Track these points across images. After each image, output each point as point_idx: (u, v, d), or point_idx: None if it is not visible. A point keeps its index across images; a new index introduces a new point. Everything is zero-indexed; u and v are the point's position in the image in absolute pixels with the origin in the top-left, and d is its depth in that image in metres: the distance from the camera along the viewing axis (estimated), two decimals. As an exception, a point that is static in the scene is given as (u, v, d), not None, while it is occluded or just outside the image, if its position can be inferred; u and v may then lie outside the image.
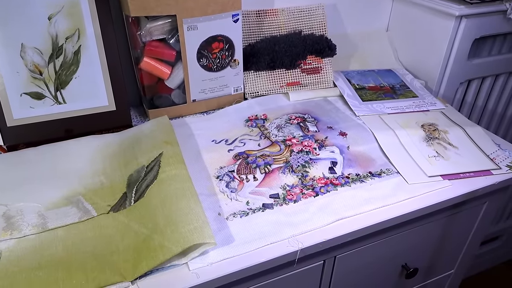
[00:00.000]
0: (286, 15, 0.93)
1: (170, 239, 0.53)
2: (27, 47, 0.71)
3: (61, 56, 0.73)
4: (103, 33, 0.74)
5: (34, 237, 0.56)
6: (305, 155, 0.74)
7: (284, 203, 0.64)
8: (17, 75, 0.71)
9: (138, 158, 0.69)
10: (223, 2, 0.76)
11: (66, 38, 0.73)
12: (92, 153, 0.71)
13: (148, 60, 0.78)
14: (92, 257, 0.53)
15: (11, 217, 0.59)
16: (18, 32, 0.70)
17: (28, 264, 0.52)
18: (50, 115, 0.74)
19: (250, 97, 0.91)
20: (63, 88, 0.74)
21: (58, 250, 0.54)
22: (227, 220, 0.60)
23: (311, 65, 0.92)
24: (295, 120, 0.84)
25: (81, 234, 0.57)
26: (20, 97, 0.72)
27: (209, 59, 0.81)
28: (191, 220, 0.55)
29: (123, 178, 0.66)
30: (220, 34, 0.80)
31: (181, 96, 0.84)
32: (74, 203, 0.62)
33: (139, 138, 0.73)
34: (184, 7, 0.74)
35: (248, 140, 0.78)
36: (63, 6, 0.71)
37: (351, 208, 0.63)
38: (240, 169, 0.70)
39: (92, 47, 0.74)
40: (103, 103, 0.77)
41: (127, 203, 0.62)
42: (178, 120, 0.84)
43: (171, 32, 0.77)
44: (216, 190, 0.66)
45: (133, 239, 0.56)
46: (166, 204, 0.58)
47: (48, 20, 0.71)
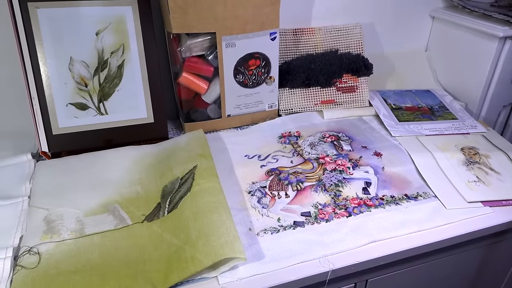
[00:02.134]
0: (322, 33, 0.94)
1: (201, 252, 0.53)
2: (75, 60, 0.75)
3: (106, 69, 0.77)
4: (146, 48, 0.78)
5: (72, 241, 0.58)
6: (338, 174, 0.73)
7: (315, 222, 0.63)
8: (65, 86, 0.75)
9: (173, 170, 0.70)
10: (262, 21, 0.78)
11: (111, 53, 0.76)
12: (129, 163, 0.74)
13: (187, 75, 0.80)
14: (125, 264, 0.54)
15: (51, 221, 0.61)
16: (68, 46, 0.74)
17: (66, 267, 0.54)
18: (92, 125, 0.77)
19: (284, 114, 0.92)
20: (106, 100, 0.78)
21: (94, 255, 0.56)
22: (258, 236, 0.60)
23: (347, 84, 0.92)
24: (329, 138, 0.83)
25: (116, 241, 0.58)
26: (66, 107, 0.76)
27: (245, 75, 0.83)
28: (222, 233, 0.56)
29: (158, 189, 0.68)
30: (257, 52, 0.81)
31: (216, 111, 0.86)
32: (111, 211, 0.64)
33: (174, 151, 0.75)
34: (223, 25, 0.76)
35: (281, 157, 0.78)
36: (110, 23, 0.75)
37: (385, 231, 0.61)
38: (272, 185, 0.70)
39: (135, 61, 0.78)
40: (142, 115, 0.80)
41: (160, 213, 0.63)
42: (213, 134, 0.86)
43: (210, 49, 0.80)
44: (248, 205, 0.67)
45: (165, 249, 0.57)
46: (199, 217, 0.59)
47: (96, 36, 0.75)
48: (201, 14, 0.74)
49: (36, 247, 0.57)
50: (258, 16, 0.77)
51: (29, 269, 0.53)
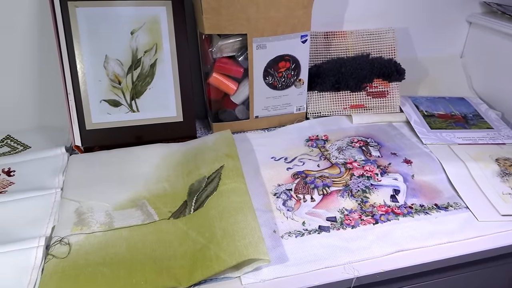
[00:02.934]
0: (354, 37, 0.93)
1: (225, 251, 0.54)
2: (110, 58, 0.77)
3: (139, 68, 0.78)
4: (178, 48, 0.79)
5: (101, 234, 0.60)
6: (366, 180, 0.72)
7: (341, 227, 0.62)
8: (99, 83, 0.77)
9: (200, 169, 0.71)
10: (294, 23, 0.78)
11: (145, 52, 0.78)
12: (158, 160, 0.75)
13: (217, 75, 0.81)
14: (151, 259, 0.55)
15: (82, 214, 0.63)
16: (104, 45, 0.76)
17: (94, 259, 0.55)
18: (124, 122, 0.79)
19: (312, 117, 0.91)
20: (137, 98, 0.79)
21: (122, 249, 0.57)
22: (282, 238, 0.60)
23: (378, 89, 0.91)
24: (357, 143, 0.82)
25: (143, 236, 0.59)
26: (100, 103, 0.78)
27: (274, 77, 0.83)
28: (246, 234, 0.56)
29: (185, 187, 0.69)
30: (287, 54, 0.81)
31: (244, 112, 0.86)
32: (139, 206, 0.65)
33: (202, 150, 0.76)
34: (255, 26, 0.76)
35: (308, 160, 0.77)
36: (145, 23, 0.77)
37: (413, 240, 0.59)
38: (298, 188, 0.70)
39: (167, 61, 0.79)
40: (172, 114, 0.81)
41: (187, 211, 0.64)
42: (240, 135, 0.86)
43: (241, 50, 0.80)
44: (273, 207, 0.66)
45: (190, 246, 0.57)
46: (224, 216, 0.59)
47: (131, 35, 0.77)
48: (234, 16, 0.74)
49: (67, 238, 0.58)
50: (290, 19, 0.77)
51: (60, 259, 0.55)
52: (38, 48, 0.82)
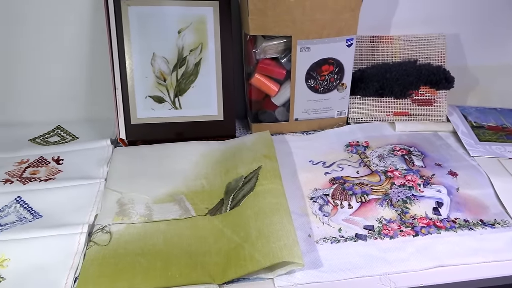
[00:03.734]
0: (402, 42, 0.90)
1: (260, 252, 0.54)
2: (157, 56, 0.79)
3: (184, 66, 0.80)
4: (222, 48, 0.80)
5: (140, 225, 0.61)
6: (407, 190, 0.69)
7: (379, 237, 0.60)
8: (146, 79, 0.80)
9: (238, 168, 0.72)
10: (340, 26, 0.77)
11: (190, 51, 0.80)
12: (197, 157, 0.76)
13: (259, 76, 0.82)
14: (187, 254, 0.56)
15: (123, 204, 0.65)
16: (152, 43, 0.79)
17: (133, 249, 0.57)
18: (166, 118, 0.81)
19: (353, 122, 0.89)
20: (181, 95, 0.81)
21: (159, 241, 0.58)
22: (317, 243, 0.59)
23: (424, 96, 0.87)
24: (399, 151, 0.79)
25: (179, 230, 0.61)
26: (145, 99, 0.81)
27: (317, 80, 0.82)
28: (281, 236, 0.56)
29: (222, 185, 0.70)
30: (331, 57, 0.80)
31: (284, 114, 0.86)
32: (177, 201, 0.67)
33: (240, 149, 0.77)
34: (300, 29, 0.76)
35: (347, 166, 0.76)
36: (192, 22, 0.79)
37: (455, 256, 0.57)
38: (336, 194, 0.69)
39: (211, 60, 0.81)
40: (213, 112, 0.83)
41: (223, 209, 0.65)
42: (279, 137, 0.86)
43: (284, 52, 0.80)
44: (309, 211, 0.66)
45: (225, 244, 0.58)
46: (259, 217, 0.59)
47: (178, 34, 0.79)
48: (279, 17, 0.74)
49: (108, 227, 0.61)
50: (336, 22, 0.76)
51: (101, 246, 0.57)
52: (90, 45, 0.85)
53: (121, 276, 0.53)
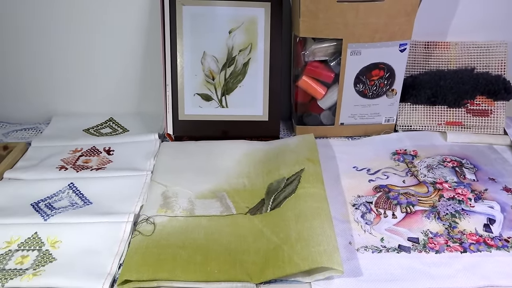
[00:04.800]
0: (458, 49, 0.86)
1: (299, 255, 0.53)
2: (207, 55, 0.81)
3: (232, 66, 0.82)
4: (271, 49, 0.81)
5: (182, 219, 0.63)
6: (456, 203, 0.66)
7: (424, 250, 0.58)
8: (195, 77, 0.82)
9: (280, 170, 0.72)
10: (393, 30, 0.75)
11: (240, 51, 0.81)
12: (240, 156, 0.77)
13: (307, 79, 0.81)
14: (226, 250, 0.57)
15: (168, 197, 0.67)
16: (203, 42, 0.81)
17: (175, 241, 0.59)
18: (213, 116, 0.83)
19: (401, 130, 0.86)
20: (228, 94, 0.83)
21: (200, 236, 0.60)
22: (358, 251, 0.58)
23: (480, 107, 0.83)
24: (450, 163, 0.76)
25: (220, 227, 0.62)
26: (193, 96, 0.83)
27: (366, 85, 0.80)
28: (322, 241, 0.55)
29: (264, 185, 0.70)
30: (382, 62, 0.78)
31: (330, 118, 0.85)
32: (219, 198, 0.68)
33: (284, 151, 0.77)
34: (352, 32, 0.74)
35: (392, 174, 0.74)
36: (243, 23, 0.80)
37: (506, 277, 0.53)
38: (379, 203, 0.67)
39: (259, 61, 0.81)
40: (258, 112, 0.83)
41: (263, 209, 0.65)
42: (323, 140, 0.85)
43: (334, 55, 0.79)
44: (350, 218, 0.65)
45: (264, 244, 0.58)
46: (300, 220, 0.59)
47: (229, 34, 0.80)
48: (331, 20, 0.73)
49: (152, 218, 0.63)
50: (390, 26, 0.74)
51: (145, 236, 0.59)
52: (145, 43, 0.89)
53: (162, 267, 0.54)
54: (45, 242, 0.60)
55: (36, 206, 0.67)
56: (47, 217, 0.64)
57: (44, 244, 0.60)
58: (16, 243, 0.60)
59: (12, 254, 0.58)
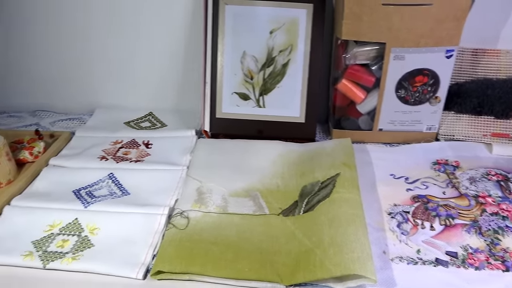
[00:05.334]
0: (510, 57, 0.82)
1: (331, 260, 0.53)
2: (247, 54, 0.82)
3: (272, 66, 0.82)
4: (311, 51, 0.80)
5: (215, 215, 0.64)
6: (500, 220, 0.63)
7: (462, 265, 0.56)
8: (234, 76, 0.83)
9: (314, 173, 0.71)
10: (440, 36, 0.72)
11: (280, 51, 0.81)
12: (275, 156, 0.77)
13: (346, 82, 0.80)
14: (257, 250, 0.57)
15: (202, 193, 0.68)
16: (244, 41, 0.81)
17: (207, 237, 0.59)
18: (249, 115, 0.84)
19: (443, 139, 0.83)
20: (265, 94, 0.83)
21: (232, 233, 0.60)
22: (392, 261, 0.56)
23: (530, 119, 0.79)
24: (495, 176, 0.72)
25: (252, 226, 0.62)
26: (231, 95, 0.83)
27: (408, 91, 0.78)
28: (355, 248, 0.54)
29: (297, 187, 0.70)
30: (427, 68, 0.76)
31: (368, 123, 0.83)
32: (252, 197, 0.68)
33: (319, 154, 0.76)
34: (396, 36, 0.73)
35: (432, 185, 0.71)
36: (284, 23, 0.80)
37: (553, 302, 0.50)
38: (417, 213, 0.65)
39: (299, 62, 0.81)
40: (295, 114, 0.83)
41: (296, 211, 0.65)
42: (360, 145, 0.83)
43: (376, 59, 0.77)
44: (386, 226, 0.63)
45: (295, 246, 0.58)
46: (334, 225, 0.58)
47: (269, 34, 0.80)
48: (375, 23, 0.72)
49: (186, 212, 0.64)
50: (437, 31, 0.72)
51: (179, 229, 0.61)
52: (187, 41, 0.91)
53: (195, 261, 0.55)
54: (84, 228, 0.62)
55: (77, 193, 0.70)
56: (87, 204, 0.67)
57: (83, 230, 0.62)
58: (58, 227, 0.63)
59: (54, 237, 0.61)
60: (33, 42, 0.93)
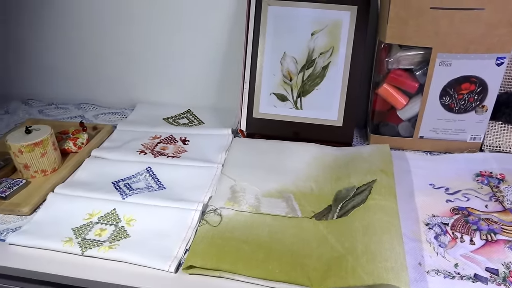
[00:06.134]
0: None
1: (363, 268, 0.52)
2: (287, 55, 0.81)
3: (311, 68, 0.81)
4: (353, 54, 0.79)
5: (248, 214, 0.64)
6: (548, 238, 0.59)
7: (503, 283, 0.53)
8: (273, 77, 0.83)
9: (350, 178, 0.70)
10: (492, 42, 0.69)
11: (320, 53, 0.80)
12: (310, 159, 0.76)
13: (388, 87, 0.78)
14: (288, 252, 0.57)
15: (236, 192, 0.69)
16: (284, 42, 0.81)
17: (239, 235, 0.60)
18: (286, 116, 0.83)
19: (488, 150, 0.79)
20: (303, 96, 0.82)
21: (264, 233, 0.60)
22: (428, 274, 0.54)
23: None
24: (544, 193, 0.68)
25: (284, 227, 0.62)
26: (269, 95, 0.84)
27: (453, 99, 0.75)
28: (389, 257, 0.52)
29: (332, 192, 0.69)
30: (474, 75, 0.73)
31: (408, 129, 0.81)
32: (285, 199, 0.68)
33: (355, 159, 0.74)
34: (443, 41, 0.70)
35: (474, 197, 0.68)
36: (327, 25, 0.79)
37: None
38: (456, 226, 0.62)
39: (339, 65, 0.80)
40: (333, 117, 0.82)
41: (329, 215, 0.64)
42: (398, 152, 0.81)
43: (420, 64, 0.75)
44: (422, 237, 0.61)
45: (327, 251, 0.57)
46: (368, 232, 0.57)
47: (311, 36, 0.80)
48: (422, 27, 0.70)
49: (220, 209, 0.65)
50: (489, 37, 0.68)
51: (212, 226, 0.61)
52: (228, 40, 0.92)
53: (226, 258, 0.56)
54: (121, 219, 0.64)
55: (116, 184, 0.73)
56: (125, 196, 0.69)
57: (120, 220, 0.64)
58: (97, 216, 0.65)
59: (92, 225, 0.64)
60: (80, 40, 0.98)
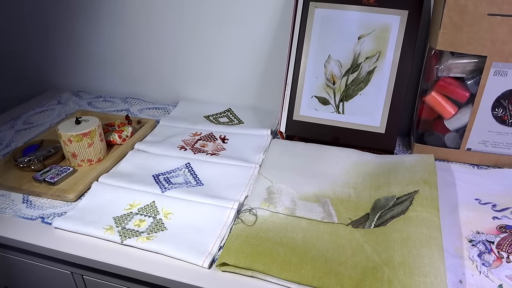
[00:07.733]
0: None
1: (400, 281, 0.50)
2: (332, 58, 0.80)
3: (356, 72, 0.79)
4: (400, 60, 0.76)
5: (283, 217, 0.64)
6: None
7: (554, 312, 0.49)
8: (315, 80, 0.82)
9: (390, 187, 0.68)
10: (554, 52, 0.64)
11: (366, 58, 0.78)
12: (349, 165, 0.75)
13: (436, 95, 0.75)
14: (322, 258, 0.56)
15: (272, 193, 0.69)
16: (330, 45, 0.80)
17: (273, 237, 0.60)
18: (327, 120, 0.82)
19: (543, 167, 0.75)
20: (346, 101, 0.81)
21: (298, 237, 0.60)
22: (469, 293, 0.52)
23: None
24: None
25: (319, 232, 0.61)
26: (311, 98, 0.83)
27: (507, 110, 0.71)
28: (428, 272, 0.50)
29: (370, 200, 0.67)
30: (532, 87, 0.68)
31: (455, 140, 0.77)
32: (322, 203, 0.67)
33: (397, 168, 0.72)
34: (500, 50, 0.66)
35: (525, 216, 0.64)
36: (375, 30, 0.77)
37: None
38: (503, 245, 0.59)
39: (386, 70, 0.78)
40: (375, 123, 0.80)
41: (367, 224, 0.62)
42: (443, 164, 0.78)
43: (472, 73, 0.71)
44: (465, 254, 0.58)
45: (363, 260, 0.55)
46: (407, 244, 0.55)
47: (357, 40, 0.78)
48: (477, 34, 0.66)
49: (255, 209, 0.65)
50: (551, 46, 0.64)
51: (246, 225, 0.62)
52: (272, 42, 0.92)
53: (259, 259, 0.56)
54: (160, 212, 0.66)
55: (156, 178, 0.75)
56: (165, 189, 0.71)
57: (159, 213, 0.66)
58: (137, 207, 0.68)
59: (132, 216, 0.66)
60: (129, 37, 1.01)
